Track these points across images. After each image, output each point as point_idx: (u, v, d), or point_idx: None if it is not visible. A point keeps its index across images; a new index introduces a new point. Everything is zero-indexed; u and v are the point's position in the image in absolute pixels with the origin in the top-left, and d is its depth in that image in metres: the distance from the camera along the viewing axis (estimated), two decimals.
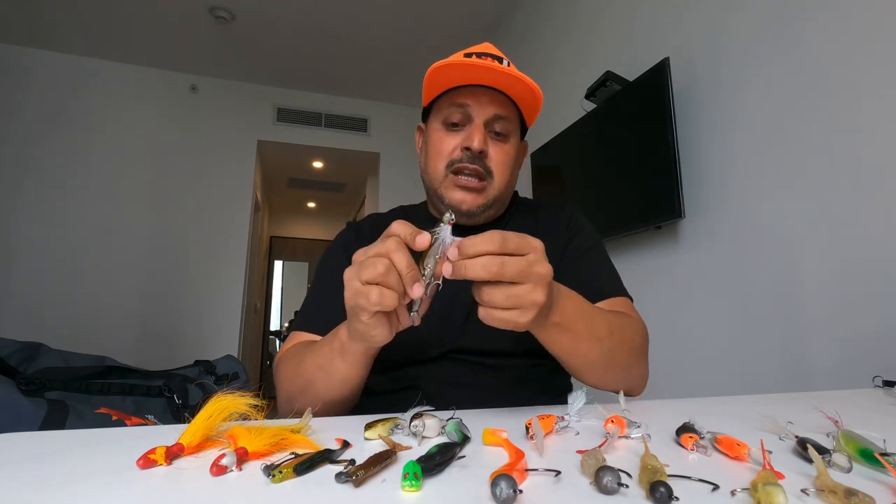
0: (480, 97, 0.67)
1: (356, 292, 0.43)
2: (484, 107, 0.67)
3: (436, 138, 0.70)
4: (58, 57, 3.30)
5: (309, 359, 0.57)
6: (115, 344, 3.05)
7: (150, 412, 1.00)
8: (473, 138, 0.66)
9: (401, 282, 0.42)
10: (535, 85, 0.65)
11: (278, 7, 2.88)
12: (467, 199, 0.68)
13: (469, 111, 0.67)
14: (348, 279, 0.44)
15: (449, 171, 0.68)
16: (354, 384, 0.55)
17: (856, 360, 1.07)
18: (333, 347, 0.53)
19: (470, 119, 0.68)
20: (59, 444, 0.38)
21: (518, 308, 0.42)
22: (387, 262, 0.42)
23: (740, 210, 1.39)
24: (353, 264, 0.44)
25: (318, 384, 0.55)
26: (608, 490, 0.28)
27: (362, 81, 3.78)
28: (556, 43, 2.52)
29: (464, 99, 0.67)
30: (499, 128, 0.69)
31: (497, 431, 0.38)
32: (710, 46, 1.53)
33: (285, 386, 0.60)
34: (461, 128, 0.68)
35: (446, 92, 0.70)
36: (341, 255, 0.73)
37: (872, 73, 1.07)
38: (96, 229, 3.25)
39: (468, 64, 0.64)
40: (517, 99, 0.69)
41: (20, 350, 0.96)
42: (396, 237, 0.43)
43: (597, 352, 0.54)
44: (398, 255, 0.42)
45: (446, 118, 0.69)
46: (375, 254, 0.42)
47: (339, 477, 0.30)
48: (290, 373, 0.59)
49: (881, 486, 0.30)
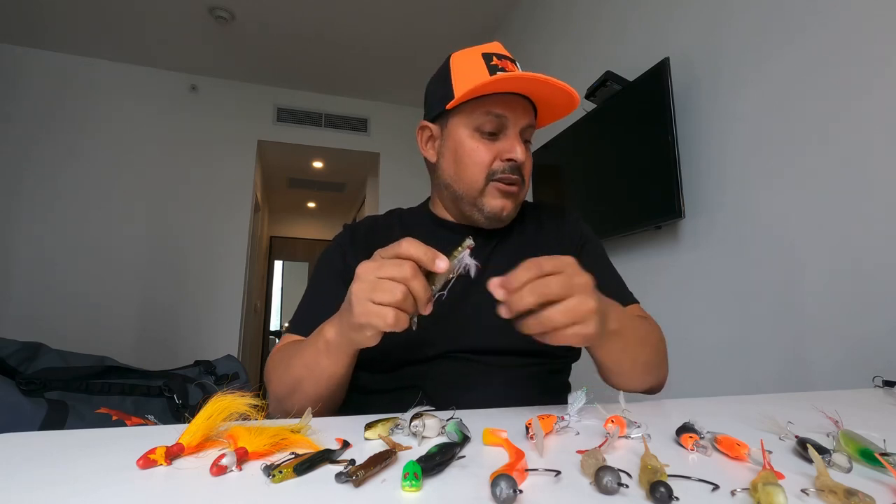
0: (515, 107, 0.67)
1: (369, 312, 0.44)
2: (519, 117, 0.68)
3: (471, 147, 0.69)
4: (57, 57, 3.30)
5: (296, 359, 0.58)
6: (115, 344, 3.04)
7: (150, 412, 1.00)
8: (516, 150, 0.67)
9: (415, 304, 0.44)
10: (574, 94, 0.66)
11: (278, 7, 2.88)
12: (507, 205, 0.70)
13: (505, 121, 0.67)
14: (359, 296, 0.45)
15: (490, 179, 0.69)
16: (341, 380, 0.56)
17: (856, 360, 1.07)
18: (319, 347, 0.54)
19: (504, 128, 0.68)
20: (59, 444, 0.38)
21: (579, 322, 0.43)
22: (404, 290, 0.43)
23: (740, 210, 1.39)
24: (364, 282, 0.45)
25: (306, 383, 0.55)
26: (608, 490, 0.28)
27: (362, 81, 3.78)
28: (555, 43, 2.52)
29: (501, 109, 0.67)
30: (527, 135, 0.70)
31: (497, 431, 0.38)
32: (710, 46, 1.53)
33: (275, 387, 0.61)
34: (496, 137, 0.69)
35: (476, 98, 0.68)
36: (338, 259, 0.73)
37: (873, 72, 1.07)
38: (96, 229, 3.25)
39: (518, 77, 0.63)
40: (541, 106, 0.71)
41: (20, 350, 0.96)
42: (412, 263, 0.44)
43: (643, 355, 0.58)
44: (416, 282, 0.44)
45: (480, 126, 0.68)
46: (391, 277, 0.44)
47: (339, 477, 0.30)
48: (279, 374, 0.60)
49: (881, 486, 0.30)
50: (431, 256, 0.44)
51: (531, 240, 0.76)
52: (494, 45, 0.71)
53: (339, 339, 0.51)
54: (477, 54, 0.69)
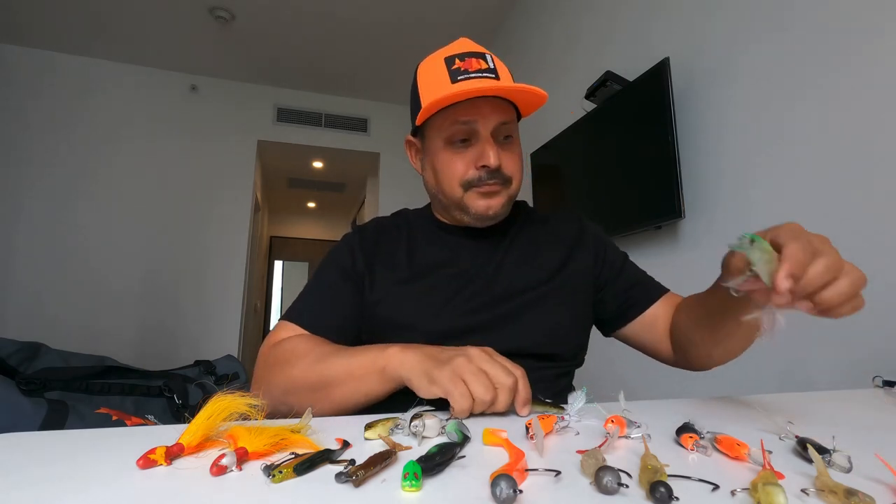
0: (482, 109, 0.64)
1: (455, 386, 0.45)
2: (487, 118, 0.64)
3: (445, 159, 0.67)
4: (57, 57, 3.30)
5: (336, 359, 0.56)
6: (115, 344, 3.05)
7: (150, 412, 1.00)
8: (489, 156, 0.64)
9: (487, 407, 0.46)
10: (540, 91, 0.63)
11: (278, 7, 2.88)
12: (492, 203, 0.68)
13: (475, 126, 0.65)
14: (461, 368, 0.46)
15: (467, 189, 0.67)
16: (371, 402, 0.55)
17: (856, 360, 1.07)
18: (375, 365, 0.53)
19: (476, 134, 0.65)
20: (59, 444, 0.38)
21: (858, 291, 0.46)
22: (494, 395, 0.45)
23: (740, 210, 1.39)
24: (472, 363, 0.47)
25: (339, 389, 0.55)
26: (608, 490, 0.28)
27: (362, 81, 3.78)
28: (556, 43, 2.52)
29: (466, 116, 0.64)
30: (504, 132, 0.67)
31: (497, 431, 0.38)
32: (710, 47, 1.53)
33: (285, 380, 0.58)
34: (468, 143, 0.66)
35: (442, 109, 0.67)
36: (346, 257, 0.72)
37: (873, 72, 1.07)
38: (96, 229, 3.25)
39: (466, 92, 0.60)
40: (515, 99, 0.67)
41: (20, 350, 0.96)
42: (515, 379, 0.47)
43: None
44: (504, 396, 0.46)
45: (450, 136, 0.66)
46: (494, 376, 0.46)
47: (339, 477, 0.30)
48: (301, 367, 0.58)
49: (881, 486, 0.30)
50: (524, 397, 0.46)
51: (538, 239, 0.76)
52: (459, 44, 0.68)
53: (399, 371, 0.51)
54: (440, 60, 0.66)
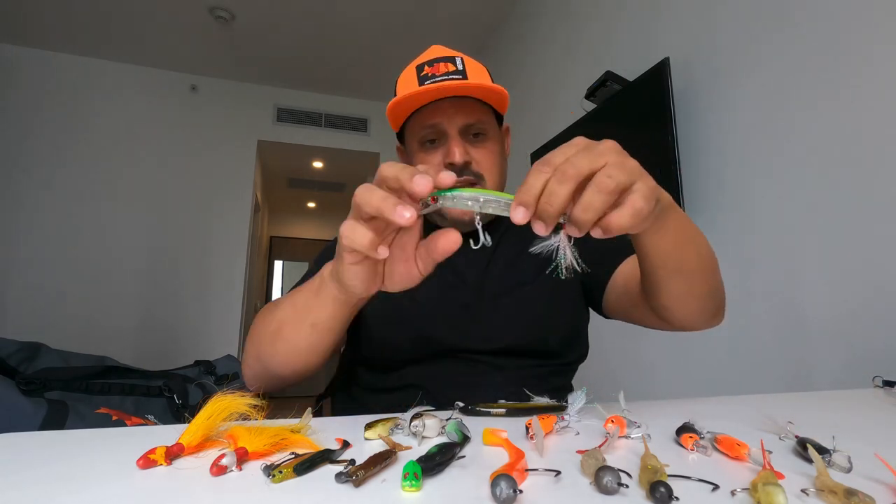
0: (447, 110, 0.66)
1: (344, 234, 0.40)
2: (453, 118, 0.66)
3: (417, 161, 0.69)
4: (57, 57, 3.30)
5: (286, 300, 0.55)
6: (115, 344, 3.04)
7: (150, 412, 1.00)
8: (454, 153, 0.65)
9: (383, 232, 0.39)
10: (495, 87, 0.64)
11: (278, 7, 2.88)
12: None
13: (441, 127, 0.66)
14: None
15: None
16: (323, 334, 0.51)
17: (856, 360, 1.07)
18: (313, 286, 0.50)
19: (444, 133, 0.67)
20: (59, 444, 0.38)
21: (625, 188, 0.35)
22: (373, 210, 0.37)
23: (740, 209, 1.39)
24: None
25: (288, 327, 0.52)
26: (608, 490, 0.28)
27: (362, 81, 3.78)
28: (555, 43, 2.52)
29: (432, 118, 0.66)
30: (474, 130, 0.68)
31: (497, 431, 0.38)
32: (710, 46, 1.53)
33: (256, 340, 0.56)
34: (438, 144, 0.68)
35: (413, 113, 0.69)
36: None
37: (873, 71, 1.07)
38: (96, 229, 3.25)
39: (422, 92, 0.62)
40: (484, 98, 0.68)
41: (20, 350, 0.96)
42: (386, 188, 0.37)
43: (705, 247, 0.53)
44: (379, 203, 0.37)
45: (422, 139, 0.68)
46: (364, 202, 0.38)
47: (339, 477, 0.30)
48: (264, 322, 0.56)
49: (881, 486, 0.30)
50: (407, 177, 0.35)
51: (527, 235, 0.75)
52: (431, 51, 0.70)
53: (330, 274, 0.46)
54: (412, 70, 0.69)
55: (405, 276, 0.43)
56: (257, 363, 0.56)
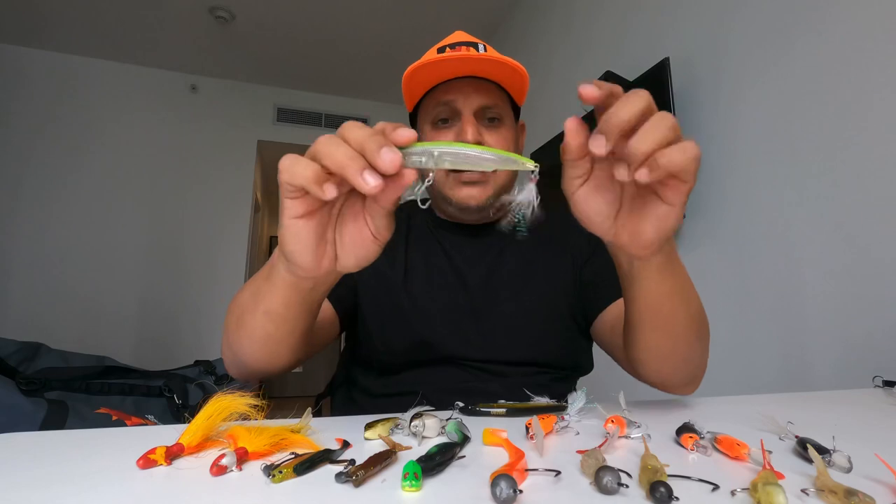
0: (464, 89, 0.64)
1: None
2: (469, 98, 0.64)
3: (428, 140, 0.67)
4: (57, 57, 3.30)
5: (249, 283, 0.50)
6: (115, 344, 3.05)
7: (150, 412, 1.00)
8: (466, 132, 0.63)
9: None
10: (516, 64, 0.62)
11: (278, 7, 2.88)
12: (474, 193, 0.66)
13: (455, 105, 0.64)
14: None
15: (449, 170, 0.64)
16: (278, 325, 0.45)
17: (856, 360, 1.06)
18: (266, 268, 0.45)
19: (458, 113, 0.65)
20: (59, 444, 0.38)
21: (694, 162, 0.32)
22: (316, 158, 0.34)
23: (740, 210, 1.39)
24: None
25: (247, 314, 0.47)
26: (608, 490, 0.28)
27: (362, 81, 3.78)
28: (555, 43, 2.52)
29: (447, 95, 0.64)
30: (490, 114, 0.66)
31: (497, 431, 0.38)
32: (710, 46, 1.53)
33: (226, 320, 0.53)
34: (451, 124, 0.66)
35: (428, 93, 0.67)
36: None
37: (873, 72, 1.07)
38: (96, 229, 3.25)
39: (442, 60, 0.60)
40: (503, 82, 0.66)
41: (20, 350, 0.96)
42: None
43: (695, 304, 0.47)
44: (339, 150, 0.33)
45: (434, 118, 0.67)
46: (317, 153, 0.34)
47: (339, 477, 0.30)
48: (232, 303, 0.53)
49: (881, 486, 0.30)
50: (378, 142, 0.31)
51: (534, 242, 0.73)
52: (454, 35, 0.68)
53: (279, 255, 0.41)
54: (432, 51, 0.66)
55: (357, 238, 0.37)
56: (229, 351, 0.52)
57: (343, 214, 0.38)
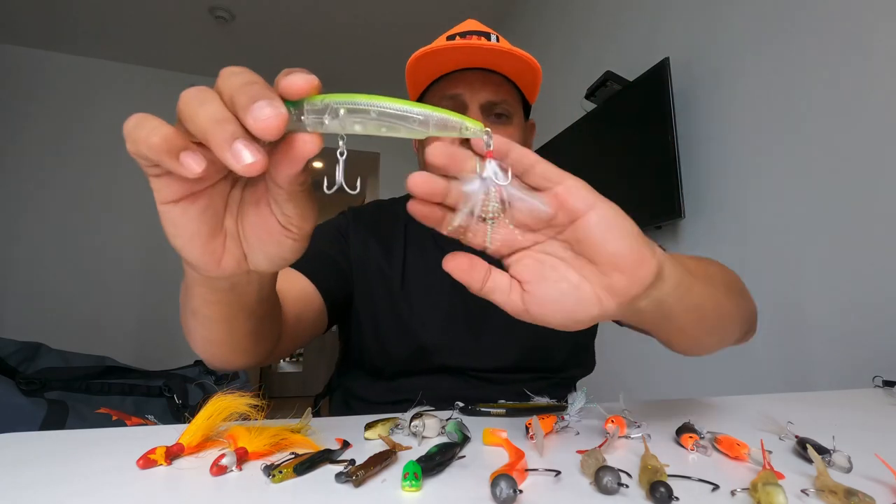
0: (472, 82, 0.60)
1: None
2: (477, 91, 0.60)
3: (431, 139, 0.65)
4: (56, 57, 3.30)
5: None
6: (115, 344, 3.04)
7: (150, 412, 1.00)
8: None
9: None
10: (530, 58, 0.58)
11: (278, 7, 2.88)
12: None
13: (462, 99, 0.60)
14: None
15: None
16: (207, 325, 0.37)
17: (856, 360, 1.07)
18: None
19: (464, 107, 0.61)
20: (59, 444, 0.38)
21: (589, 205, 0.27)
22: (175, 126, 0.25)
23: (740, 210, 1.39)
24: None
25: (183, 313, 0.40)
26: (608, 490, 0.28)
27: (362, 81, 3.78)
28: (555, 43, 2.52)
29: (454, 88, 0.60)
30: (499, 110, 0.62)
31: (497, 431, 0.38)
32: (709, 46, 1.53)
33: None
34: None
35: (434, 83, 0.63)
36: (333, 230, 0.69)
37: (873, 72, 1.07)
38: (96, 229, 3.25)
39: (452, 47, 0.56)
40: (514, 76, 0.62)
41: (20, 350, 0.96)
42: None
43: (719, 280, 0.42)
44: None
45: None
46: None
47: (339, 477, 0.30)
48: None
49: (881, 486, 0.30)
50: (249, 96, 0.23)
51: None
52: (466, 24, 0.65)
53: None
54: (442, 38, 0.63)
55: (261, 231, 0.29)
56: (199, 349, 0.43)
57: (244, 199, 0.29)
